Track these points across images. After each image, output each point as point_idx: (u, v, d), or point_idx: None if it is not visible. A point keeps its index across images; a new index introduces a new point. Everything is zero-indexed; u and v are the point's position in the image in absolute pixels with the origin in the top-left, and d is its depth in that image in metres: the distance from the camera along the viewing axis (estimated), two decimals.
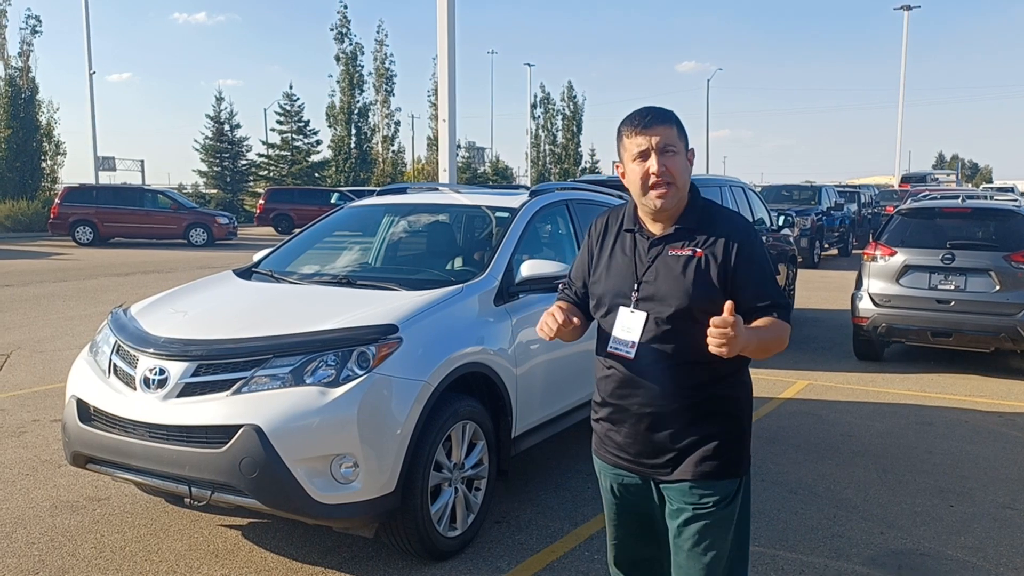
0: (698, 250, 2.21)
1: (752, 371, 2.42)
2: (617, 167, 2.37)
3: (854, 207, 23.76)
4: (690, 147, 2.29)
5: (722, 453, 2.25)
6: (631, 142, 2.23)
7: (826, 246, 20.39)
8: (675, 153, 2.21)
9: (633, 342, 2.23)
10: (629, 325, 2.24)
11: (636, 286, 2.25)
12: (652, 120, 2.21)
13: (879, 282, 8.03)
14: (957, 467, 5.22)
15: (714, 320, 2.00)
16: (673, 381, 2.22)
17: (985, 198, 18.06)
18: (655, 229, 2.29)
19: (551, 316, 2.29)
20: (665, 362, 2.21)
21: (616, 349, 2.26)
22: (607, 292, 2.31)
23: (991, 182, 55.47)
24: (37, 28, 32.35)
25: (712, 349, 2.02)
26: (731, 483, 2.27)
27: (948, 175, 40.32)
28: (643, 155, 2.20)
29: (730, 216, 2.33)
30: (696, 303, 2.16)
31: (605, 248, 2.38)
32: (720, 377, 2.24)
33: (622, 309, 2.26)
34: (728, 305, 2.02)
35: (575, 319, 2.31)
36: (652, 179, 2.19)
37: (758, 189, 15.02)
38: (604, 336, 2.34)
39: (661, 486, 2.32)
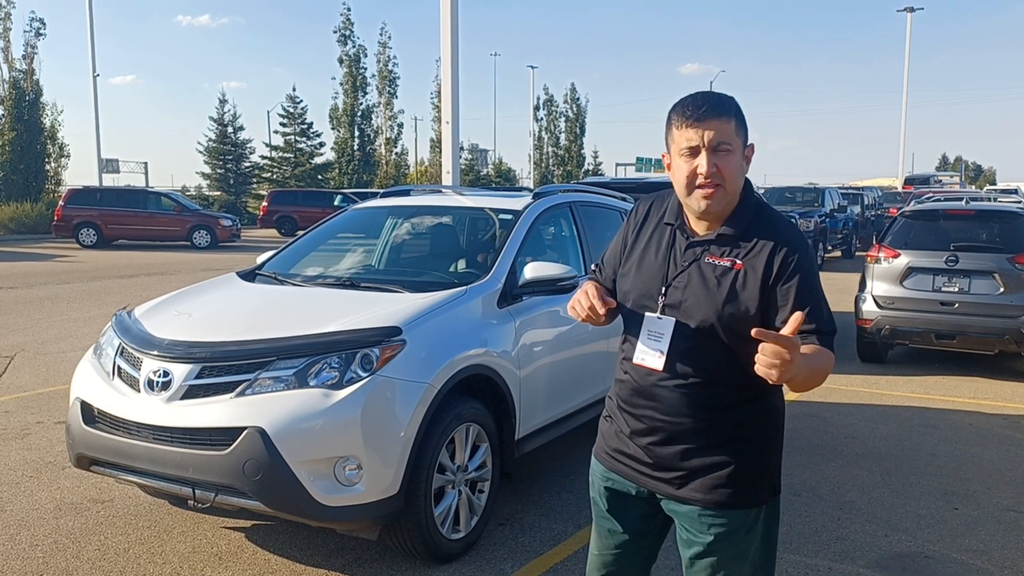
0: (738, 262, 1.96)
1: None
2: (664, 156, 2.09)
3: (857, 209, 23.74)
4: (749, 142, 2.02)
5: (738, 481, 2.03)
6: (680, 135, 1.96)
7: (829, 248, 20.37)
8: (729, 152, 1.94)
9: (661, 352, 2.02)
10: (656, 332, 2.03)
11: (664, 290, 2.03)
12: (707, 112, 1.93)
13: (883, 284, 8.03)
14: (961, 470, 5.21)
15: (775, 336, 1.71)
16: (689, 399, 2.01)
17: (989, 200, 18.04)
18: (698, 228, 2.05)
19: (584, 295, 2.08)
20: (690, 378, 2.00)
21: (642, 360, 2.05)
22: (633, 290, 2.11)
23: (995, 184, 55.37)
24: (41, 31, 32.46)
25: (759, 370, 1.74)
26: (746, 514, 2.05)
27: (952, 177, 40.28)
28: (693, 151, 1.94)
29: (783, 224, 2.04)
30: (724, 321, 1.94)
31: (641, 239, 2.15)
32: (744, 400, 2.03)
33: (648, 315, 2.04)
34: (797, 316, 1.75)
35: (609, 301, 2.09)
36: (699, 179, 1.95)
37: (761, 191, 15.01)
38: (628, 342, 2.15)
39: (665, 503, 2.14)
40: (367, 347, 3.50)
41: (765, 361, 1.72)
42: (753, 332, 1.73)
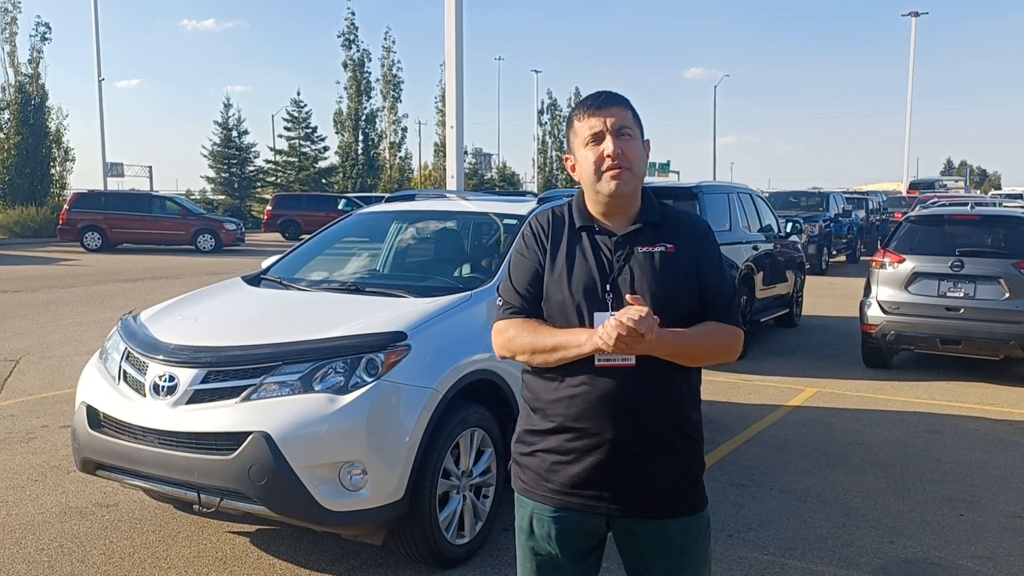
0: (670, 246, 2.03)
1: (760, 379, 2.40)
2: (566, 159, 2.15)
3: (862, 213, 23.68)
4: (646, 138, 2.10)
5: (695, 483, 2.07)
6: (583, 125, 2.03)
7: (834, 253, 20.34)
8: (631, 137, 2.03)
9: None
10: None
11: (608, 288, 1.99)
12: (607, 100, 2.04)
13: (888, 289, 8.01)
14: (967, 476, 5.19)
15: (629, 311, 1.81)
16: (658, 396, 1.98)
17: (994, 205, 18.02)
18: (614, 226, 2.07)
19: (619, 323, 1.84)
20: (656, 371, 1.97)
21: (608, 360, 1.94)
22: (569, 298, 2.01)
23: (1000, 189, 55.28)
24: (47, 35, 32.65)
25: (601, 341, 1.83)
26: (702, 516, 2.08)
27: (956, 181, 40.27)
28: (597, 137, 2.01)
29: (690, 215, 2.17)
30: (677, 300, 1.98)
31: (559, 249, 2.08)
32: (692, 394, 2.09)
33: (599, 315, 1.96)
34: (632, 297, 1.86)
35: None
36: (607, 162, 1.99)
37: (765, 195, 14.99)
38: None
39: (623, 523, 2.04)
40: (372, 352, 3.50)
41: (618, 330, 1.79)
42: (628, 297, 1.87)
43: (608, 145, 2.00)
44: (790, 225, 11.08)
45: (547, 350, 1.98)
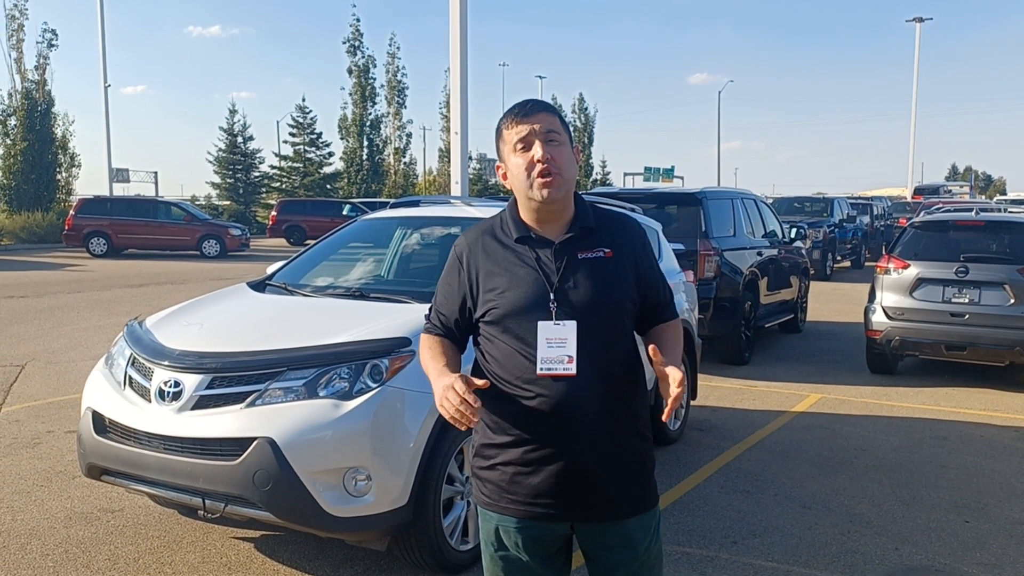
0: (607, 250, 2.06)
1: (765, 384, 2.42)
2: (497, 168, 2.16)
3: (866, 219, 23.68)
4: (575, 144, 2.11)
5: (648, 478, 2.11)
6: (512, 132, 2.04)
7: (838, 258, 20.32)
8: (559, 143, 2.04)
9: (570, 356, 1.96)
10: (558, 339, 1.97)
11: (552, 296, 1.99)
12: (534, 107, 2.06)
13: (892, 295, 8.00)
14: (972, 482, 5.18)
15: (672, 380, 1.90)
16: (612, 399, 2.01)
17: (999, 210, 17.98)
18: (549, 234, 2.07)
19: (451, 390, 1.88)
20: (603, 377, 1.99)
21: (550, 369, 1.96)
22: (514, 311, 2.01)
23: (1005, 194, 55.16)
24: (53, 42, 32.70)
25: (670, 393, 1.90)
26: (655, 511, 2.13)
27: (961, 187, 40.11)
28: (525, 144, 2.02)
29: (623, 215, 2.21)
30: (621, 304, 2.03)
31: (491, 266, 2.07)
32: (637, 393, 2.11)
33: (543, 324, 1.97)
34: (652, 349, 1.92)
35: (481, 385, 1.94)
36: (538, 167, 2.00)
37: (770, 201, 15.01)
38: (517, 361, 2.01)
39: (587, 527, 2.07)
40: (377, 358, 3.51)
41: (676, 393, 1.89)
42: (650, 350, 1.92)
43: (537, 150, 2.01)
44: (794, 231, 11.07)
45: (429, 375, 2.09)
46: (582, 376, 1.96)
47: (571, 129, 2.14)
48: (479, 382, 1.93)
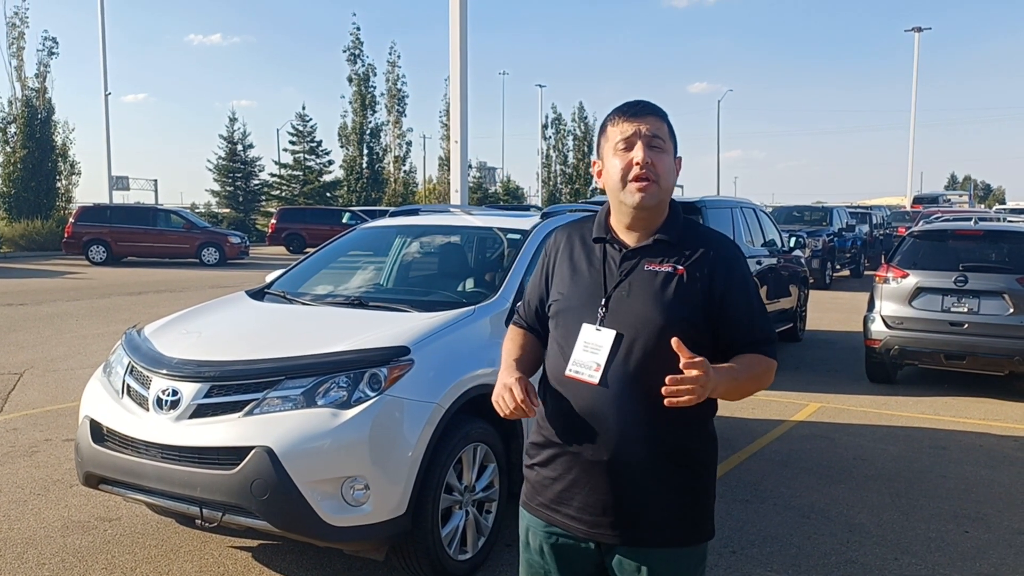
0: (680, 267, 1.93)
1: (764, 393, 2.39)
2: (594, 164, 2.07)
3: (866, 228, 23.68)
4: (678, 155, 2.03)
5: (693, 513, 1.96)
6: (616, 130, 1.96)
7: (838, 267, 20.32)
8: (663, 151, 1.95)
9: (598, 364, 1.89)
10: (594, 344, 1.91)
11: (604, 301, 1.94)
12: (643, 108, 1.98)
13: (892, 304, 8.00)
14: (972, 492, 5.17)
15: (686, 362, 1.74)
16: (641, 420, 1.87)
17: (998, 220, 18.01)
18: (629, 240, 2.00)
19: (509, 391, 1.92)
20: (634, 395, 1.87)
21: (576, 372, 1.91)
22: (568, 308, 1.99)
23: (1004, 203, 55.26)
24: (54, 50, 32.76)
25: (668, 402, 1.75)
26: (701, 549, 1.99)
27: (960, 196, 40.26)
28: (628, 144, 1.94)
29: (717, 235, 2.06)
30: (674, 325, 1.86)
31: (566, 262, 2.06)
32: (689, 421, 1.91)
33: (585, 326, 1.93)
34: (675, 342, 1.76)
35: (535, 401, 1.95)
36: (635, 170, 1.92)
37: (769, 210, 15.01)
38: (558, 360, 1.98)
39: (609, 551, 1.97)
40: (375, 367, 3.51)
41: (681, 389, 1.73)
42: (673, 342, 1.76)
43: (638, 153, 1.92)
44: (794, 240, 11.08)
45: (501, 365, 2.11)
46: (609, 389, 1.88)
47: (677, 140, 2.03)
48: (533, 402, 1.94)
